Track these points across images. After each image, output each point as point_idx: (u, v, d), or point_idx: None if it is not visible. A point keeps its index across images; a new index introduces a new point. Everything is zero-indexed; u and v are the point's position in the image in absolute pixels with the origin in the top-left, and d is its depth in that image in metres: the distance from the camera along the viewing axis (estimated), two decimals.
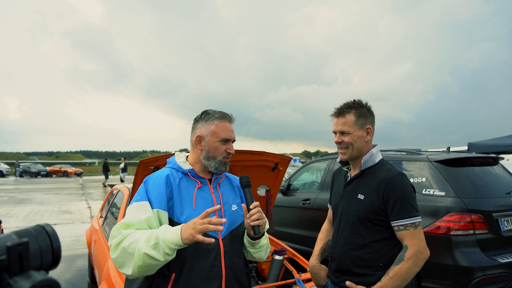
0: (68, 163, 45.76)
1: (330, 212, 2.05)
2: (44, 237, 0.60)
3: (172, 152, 1.90)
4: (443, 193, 3.26)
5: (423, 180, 3.45)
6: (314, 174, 6.72)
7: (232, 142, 1.66)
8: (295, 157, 31.79)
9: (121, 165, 20.16)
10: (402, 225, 1.61)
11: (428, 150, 6.27)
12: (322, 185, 4.95)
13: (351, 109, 1.75)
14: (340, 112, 1.78)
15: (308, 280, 2.64)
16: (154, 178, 1.54)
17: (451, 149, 5.92)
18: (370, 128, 1.78)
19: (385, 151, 4.19)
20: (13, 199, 14.11)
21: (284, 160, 3.24)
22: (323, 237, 2.05)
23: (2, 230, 4.03)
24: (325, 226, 2.09)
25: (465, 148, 9.03)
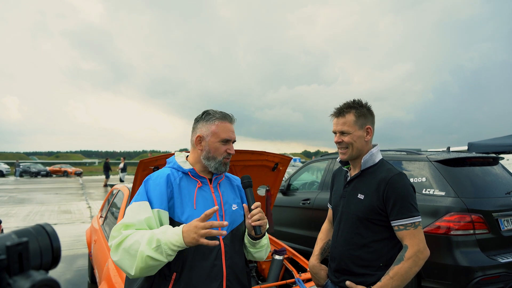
0: (68, 163, 45.77)
1: (330, 212, 2.05)
2: (44, 237, 0.60)
3: (172, 152, 1.89)
4: (443, 193, 3.25)
5: (423, 180, 3.45)
6: (314, 174, 6.72)
7: (233, 143, 1.65)
8: (295, 157, 31.78)
9: (121, 165, 20.16)
10: (402, 225, 1.61)
11: (428, 150, 6.27)
12: (322, 185, 4.94)
13: (351, 109, 1.75)
14: (340, 112, 1.78)
15: (308, 280, 2.64)
16: (155, 178, 1.54)
17: (451, 149, 5.91)
18: (370, 128, 1.78)
19: (385, 151, 4.18)
20: (13, 199, 14.11)
21: (284, 160, 3.24)
22: (323, 237, 2.05)
23: (2, 230, 4.03)
24: (325, 226, 2.09)
25: (465, 148, 9.02)
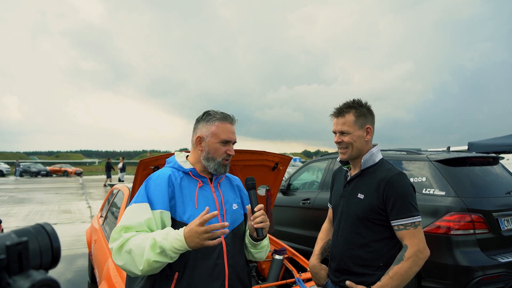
0: (68, 163, 45.76)
1: (330, 212, 2.05)
2: (44, 237, 0.60)
3: (172, 152, 1.89)
4: (443, 193, 3.25)
5: (423, 180, 3.44)
6: (314, 174, 6.72)
7: (233, 144, 1.64)
8: (295, 157, 31.79)
9: (120, 165, 20.17)
10: (402, 225, 1.61)
11: (428, 150, 6.27)
12: (322, 185, 4.94)
13: (351, 109, 1.75)
14: (340, 112, 1.78)
15: (308, 280, 2.64)
16: (155, 178, 1.54)
17: (451, 149, 5.91)
18: (370, 128, 1.78)
19: (385, 151, 4.18)
20: (13, 199, 14.11)
21: (284, 160, 3.24)
22: (323, 237, 2.05)
23: (2, 230, 4.03)
24: (325, 226, 2.09)
25: (465, 148, 9.02)
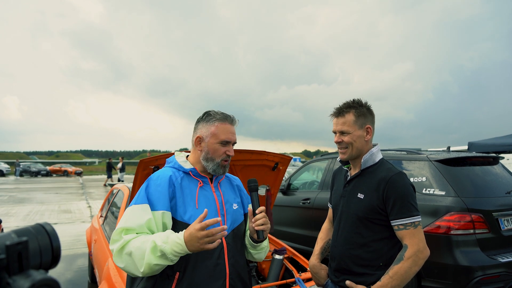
0: (68, 163, 45.76)
1: (331, 211, 2.05)
2: (44, 236, 0.59)
3: (172, 152, 1.89)
4: (443, 193, 3.25)
5: (423, 180, 3.44)
6: (314, 174, 6.72)
7: (233, 145, 1.64)
8: (295, 157, 31.79)
9: (119, 165, 20.19)
10: (402, 225, 1.61)
11: (428, 150, 6.27)
12: (322, 185, 4.94)
13: (351, 109, 1.75)
14: (340, 112, 1.78)
15: (308, 280, 2.64)
16: (156, 178, 1.53)
17: (451, 149, 5.91)
18: (370, 128, 1.78)
19: (385, 151, 4.18)
20: (13, 199, 14.11)
21: (284, 160, 3.24)
22: (324, 237, 2.05)
23: (2, 229, 4.03)
24: (326, 226, 2.09)
25: (465, 148, 9.02)
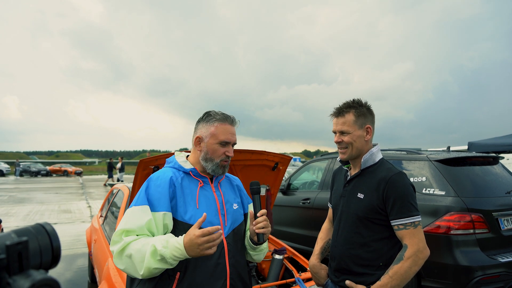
0: (68, 163, 45.75)
1: (331, 211, 2.05)
2: (44, 236, 0.60)
3: (172, 152, 1.89)
4: (443, 193, 3.25)
5: (423, 180, 3.44)
6: (314, 174, 6.72)
7: (233, 145, 1.63)
8: (295, 157, 31.78)
9: (118, 165, 20.19)
10: (402, 224, 1.61)
11: (428, 150, 6.26)
12: (322, 185, 4.94)
13: (351, 109, 1.75)
14: (340, 112, 1.78)
15: (308, 280, 2.64)
16: (156, 179, 1.53)
17: (451, 149, 5.91)
18: (370, 128, 1.78)
19: (385, 151, 4.18)
20: (13, 199, 14.11)
21: (284, 160, 3.24)
22: (324, 236, 2.05)
23: (2, 229, 4.03)
24: (326, 225, 2.09)
25: (465, 148, 9.02)
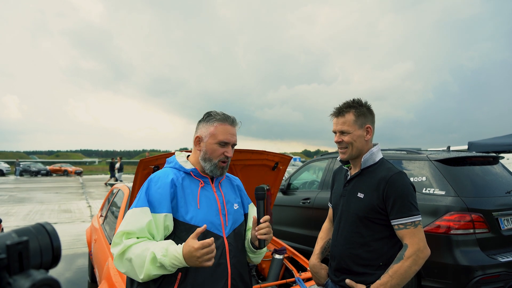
0: (68, 162, 45.75)
1: (331, 211, 2.05)
2: (44, 236, 0.60)
3: (172, 152, 1.89)
4: (443, 192, 3.25)
5: (423, 179, 3.44)
6: (314, 173, 6.72)
7: (233, 146, 1.63)
8: (295, 156, 31.78)
9: (117, 165, 20.20)
10: (402, 224, 1.61)
11: (428, 149, 6.26)
12: (322, 184, 4.94)
13: (351, 109, 1.75)
14: (340, 112, 1.78)
15: (308, 279, 2.64)
16: (156, 180, 1.53)
17: (451, 148, 5.91)
18: (370, 127, 1.78)
19: (385, 150, 4.18)
20: (13, 198, 14.12)
21: (284, 159, 3.24)
22: (324, 236, 2.05)
23: (2, 229, 4.03)
24: (326, 225, 2.09)
25: (465, 147, 9.02)
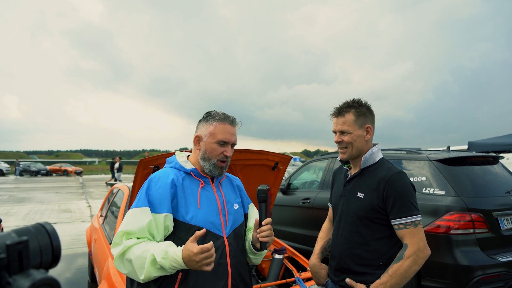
0: (68, 162, 45.75)
1: (331, 211, 2.05)
2: (44, 236, 0.60)
3: (172, 152, 1.89)
4: (443, 192, 3.25)
5: (423, 179, 3.44)
6: (314, 173, 6.72)
7: (233, 146, 1.62)
8: (295, 156, 31.78)
9: (116, 165, 20.21)
10: (402, 224, 1.61)
11: (428, 149, 6.26)
12: (322, 184, 4.94)
13: (351, 109, 1.75)
14: (340, 112, 1.78)
15: (308, 279, 2.64)
16: (156, 180, 1.53)
17: (451, 148, 5.91)
18: (370, 127, 1.78)
19: (385, 150, 4.18)
20: (13, 198, 14.12)
21: (284, 159, 3.24)
22: (324, 236, 2.05)
23: (2, 229, 4.03)
24: (326, 225, 2.09)
25: (465, 147, 9.02)
